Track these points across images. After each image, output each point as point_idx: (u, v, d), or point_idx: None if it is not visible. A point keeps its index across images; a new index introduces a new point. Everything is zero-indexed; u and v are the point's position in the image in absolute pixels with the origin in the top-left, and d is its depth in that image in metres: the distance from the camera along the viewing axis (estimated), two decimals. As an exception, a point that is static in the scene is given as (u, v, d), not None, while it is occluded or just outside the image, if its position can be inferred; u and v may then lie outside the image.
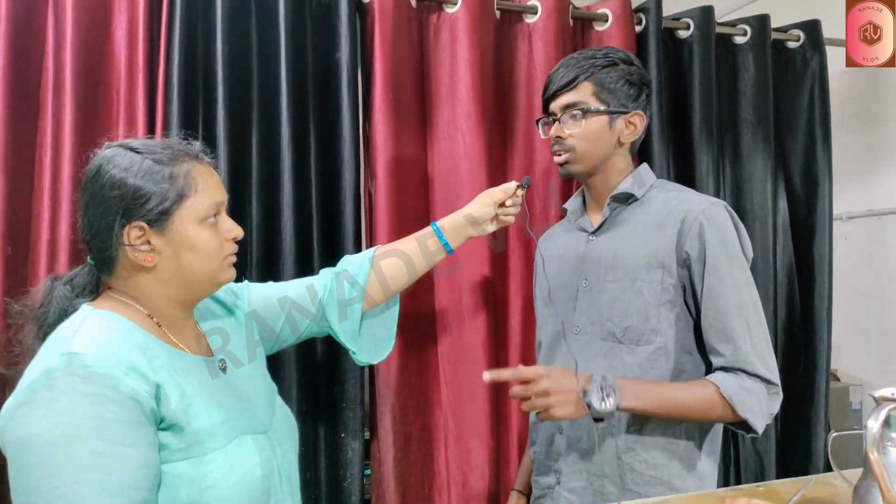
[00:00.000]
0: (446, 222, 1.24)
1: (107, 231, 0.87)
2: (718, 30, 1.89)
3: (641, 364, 1.16)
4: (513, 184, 1.26)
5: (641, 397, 1.08)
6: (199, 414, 0.85)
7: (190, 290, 0.93)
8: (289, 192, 1.51)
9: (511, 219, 1.27)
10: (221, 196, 0.94)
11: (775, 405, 1.12)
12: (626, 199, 1.25)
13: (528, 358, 1.67)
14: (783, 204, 2.00)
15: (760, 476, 1.92)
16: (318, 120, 1.57)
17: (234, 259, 0.97)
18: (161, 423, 0.82)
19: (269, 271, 1.49)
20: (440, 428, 1.65)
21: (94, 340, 0.81)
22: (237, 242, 0.97)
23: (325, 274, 1.21)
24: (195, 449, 0.83)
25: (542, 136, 1.33)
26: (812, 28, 1.97)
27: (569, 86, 1.23)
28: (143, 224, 0.87)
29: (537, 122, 1.34)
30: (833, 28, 1.94)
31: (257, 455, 0.89)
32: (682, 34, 1.87)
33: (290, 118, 1.50)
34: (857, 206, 2.09)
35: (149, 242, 0.88)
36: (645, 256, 1.18)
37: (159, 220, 0.87)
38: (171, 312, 0.93)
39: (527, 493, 1.44)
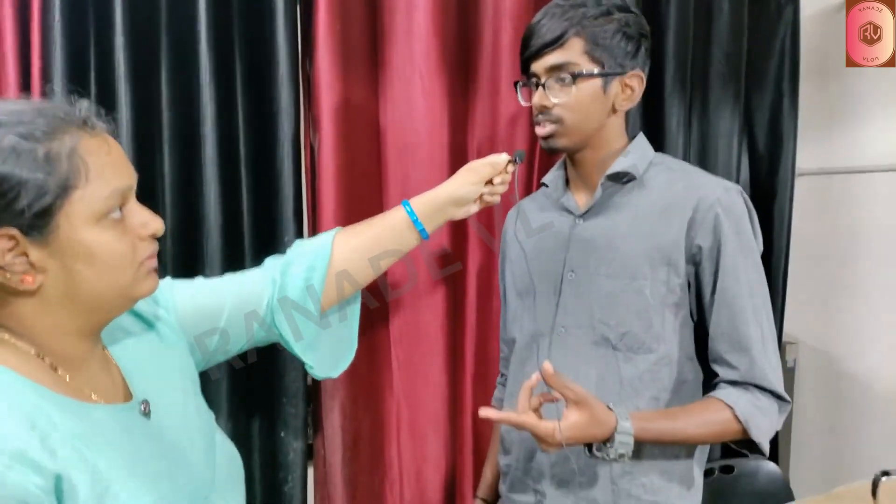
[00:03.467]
0: (422, 202, 1.00)
1: None
2: (697, -34, 1.70)
3: (641, 376, 1.01)
4: (503, 157, 1.02)
5: (659, 441, 0.97)
6: (120, 498, 0.60)
7: (93, 314, 0.66)
8: (211, 148, 1.21)
9: (497, 198, 1.05)
10: (127, 179, 0.66)
11: (781, 421, 1.01)
12: (622, 177, 1.07)
13: (487, 337, 1.50)
14: (745, 162, 1.90)
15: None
16: (247, 56, 1.25)
17: (153, 263, 0.70)
18: None
19: (188, 253, 1.21)
20: (392, 415, 1.46)
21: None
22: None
23: (273, 266, 0.94)
24: None
25: (524, 103, 1.11)
26: (787, -29, 1.83)
27: (555, 43, 1.00)
28: (14, 232, 0.58)
29: (515, 84, 1.11)
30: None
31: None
32: (662, -30, 1.66)
33: (210, 53, 1.19)
34: (808, 163, 2.02)
35: (25, 256, 0.60)
36: (647, 250, 1.01)
37: (36, 224, 0.59)
38: (68, 347, 0.66)
39: (491, 500, 1.29)
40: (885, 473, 0.82)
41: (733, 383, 0.99)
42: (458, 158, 1.44)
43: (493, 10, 1.45)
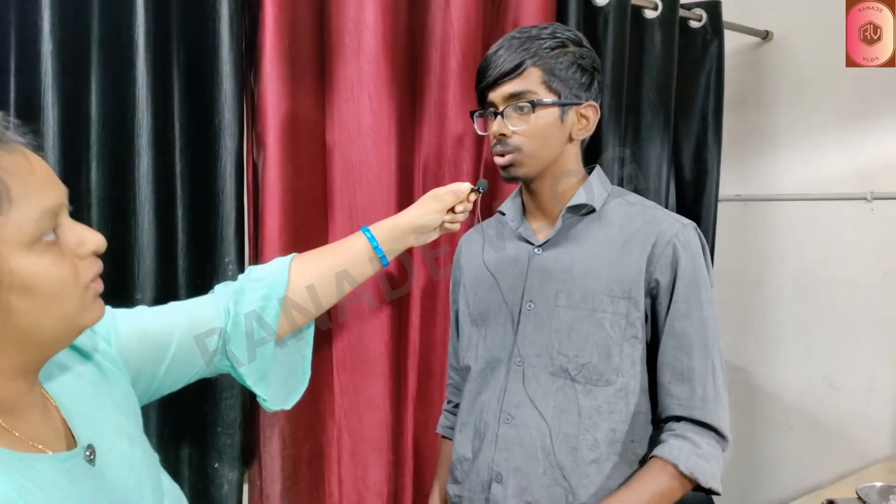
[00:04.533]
0: (383, 229, 0.97)
1: None
2: (633, 0, 1.76)
3: (599, 408, 1.02)
4: (466, 185, 1.03)
5: None
6: None
7: (34, 351, 0.60)
8: (146, 164, 1.13)
9: (457, 226, 1.05)
10: (57, 196, 0.59)
11: (727, 459, 1.02)
12: (582, 209, 1.09)
13: (431, 359, 1.49)
14: (672, 189, 1.98)
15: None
16: (188, 67, 1.19)
17: (99, 287, 0.63)
18: None
19: (118, 277, 1.12)
20: (333, 443, 1.41)
21: None
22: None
23: (224, 294, 0.89)
24: None
25: (480, 132, 1.11)
26: (713, 9, 1.93)
27: (514, 72, 1.02)
28: None
29: (472, 114, 1.11)
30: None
31: None
32: (600, 1, 1.72)
33: (147, 62, 1.11)
34: (727, 190, 2.14)
35: None
36: (607, 283, 1.03)
37: None
38: (5, 391, 0.59)
39: None
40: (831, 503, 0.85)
41: (676, 419, 1.00)
42: (405, 178, 1.42)
43: (441, 33, 1.45)
